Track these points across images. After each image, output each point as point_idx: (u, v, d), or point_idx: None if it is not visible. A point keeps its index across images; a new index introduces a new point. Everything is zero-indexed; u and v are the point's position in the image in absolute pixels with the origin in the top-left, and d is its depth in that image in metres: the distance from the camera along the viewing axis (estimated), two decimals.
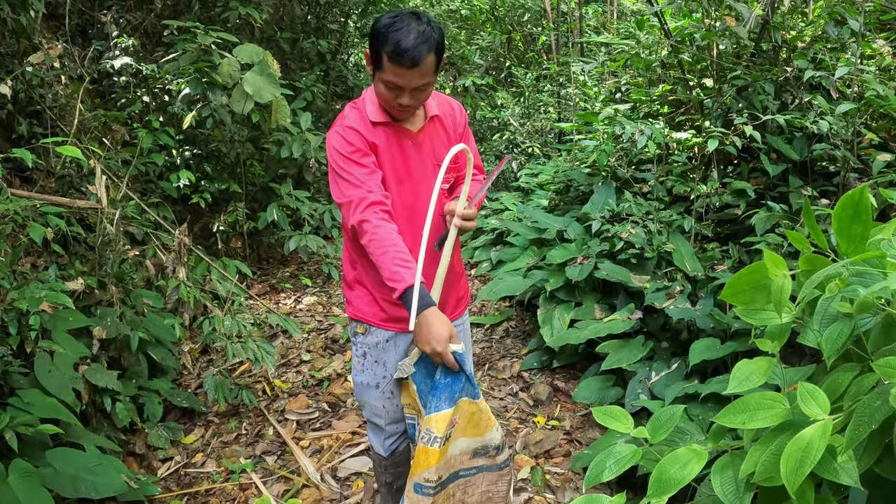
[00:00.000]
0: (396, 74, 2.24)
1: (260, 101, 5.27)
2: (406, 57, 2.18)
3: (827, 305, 1.75)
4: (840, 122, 4.21)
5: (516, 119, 8.99)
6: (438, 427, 2.38)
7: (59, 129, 4.79)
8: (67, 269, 4.12)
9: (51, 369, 3.41)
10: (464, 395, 2.41)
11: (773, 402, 1.74)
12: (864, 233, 1.71)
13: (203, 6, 6.79)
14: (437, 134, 2.58)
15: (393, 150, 2.46)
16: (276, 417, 4.34)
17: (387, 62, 2.22)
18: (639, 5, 6.78)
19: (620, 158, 5.52)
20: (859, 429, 1.45)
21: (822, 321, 1.74)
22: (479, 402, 2.44)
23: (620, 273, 4.39)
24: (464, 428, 2.46)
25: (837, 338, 1.66)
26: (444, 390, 2.39)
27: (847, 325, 1.67)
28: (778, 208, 4.20)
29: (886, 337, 1.80)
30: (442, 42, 2.29)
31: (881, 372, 1.46)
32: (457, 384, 2.39)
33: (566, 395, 4.39)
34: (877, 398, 1.48)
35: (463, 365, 2.36)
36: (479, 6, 10.97)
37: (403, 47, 2.18)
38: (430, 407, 2.39)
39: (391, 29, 2.20)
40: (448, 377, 2.40)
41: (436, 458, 2.39)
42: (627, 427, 2.17)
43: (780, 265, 1.70)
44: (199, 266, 4.91)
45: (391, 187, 2.47)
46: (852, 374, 1.74)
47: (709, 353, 3.61)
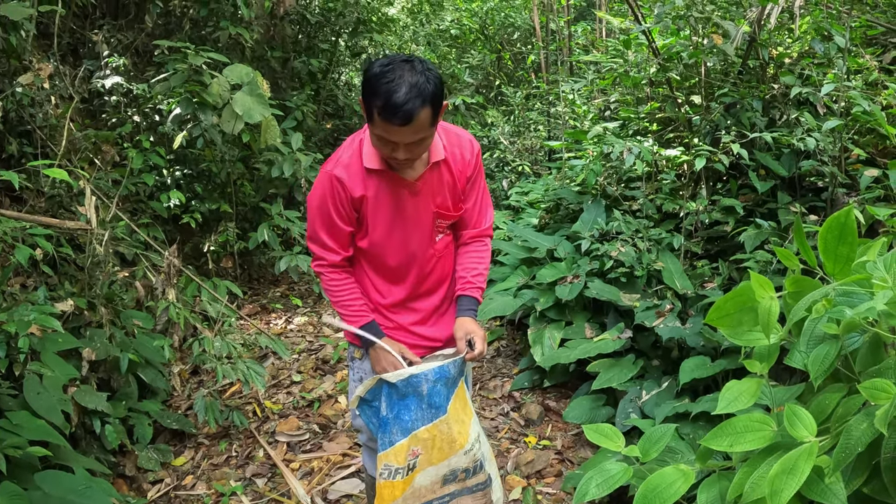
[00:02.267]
0: (387, 131, 2.08)
1: (250, 122, 5.27)
2: (397, 114, 2.00)
3: (813, 326, 1.76)
4: (827, 139, 4.24)
5: (506, 137, 9.02)
6: (397, 459, 2.40)
7: (49, 148, 4.79)
8: (57, 290, 4.11)
9: (40, 391, 3.39)
10: (419, 424, 2.41)
11: (761, 424, 1.74)
12: (849, 254, 1.72)
13: (194, 26, 6.81)
14: (439, 180, 2.44)
15: (387, 199, 2.37)
16: (266, 439, 4.32)
17: (377, 117, 2.06)
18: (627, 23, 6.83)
19: (610, 176, 5.54)
20: (846, 451, 1.45)
21: (809, 342, 1.75)
22: (438, 425, 2.43)
23: (610, 292, 4.40)
24: (429, 457, 2.45)
25: (824, 359, 1.67)
26: (394, 424, 2.40)
27: (833, 346, 1.68)
28: (767, 225, 4.22)
29: (874, 356, 1.81)
30: (439, 91, 2.09)
31: (867, 394, 1.47)
32: (405, 414, 2.39)
33: (557, 414, 4.38)
34: (863, 420, 1.49)
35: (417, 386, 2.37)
36: (469, 25, 11.03)
37: (394, 103, 1.99)
38: (381, 444, 2.41)
39: (382, 80, 2.02)
40: (394, 410, 2.40)
41: (400, 490, 2.41)
42: (619, 445, 2.17)
43: (766, 287, 1.71)
44: (190, 286, 4.90)
45: (382, 234, 2.44)
46: (840, 394, 1.75)
47: (699, 372, 3.61)
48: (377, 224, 2.41)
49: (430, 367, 2.43)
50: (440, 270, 2.64)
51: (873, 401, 1.45)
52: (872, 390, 1.45)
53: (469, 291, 2.60)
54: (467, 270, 2.62)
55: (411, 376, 2.38)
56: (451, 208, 2.51)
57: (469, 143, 2.51)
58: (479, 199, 2.60)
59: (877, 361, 1.78)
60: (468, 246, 2.66)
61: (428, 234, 2.51)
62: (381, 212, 2.39)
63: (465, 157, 2.48)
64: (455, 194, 2.50)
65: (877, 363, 1.78)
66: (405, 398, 2.40)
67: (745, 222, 4.55)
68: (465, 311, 2.58)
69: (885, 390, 1.44)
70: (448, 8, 11.60)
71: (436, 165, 2.39)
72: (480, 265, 2.64)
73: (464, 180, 2.49)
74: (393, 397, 2.41)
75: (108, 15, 6.54)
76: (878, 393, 1.44)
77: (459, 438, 2.47)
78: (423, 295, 2.65)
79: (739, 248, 4.28)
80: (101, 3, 6.47)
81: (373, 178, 2.34)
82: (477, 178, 2.55)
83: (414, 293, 2.63)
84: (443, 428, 2.45)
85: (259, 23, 7.83)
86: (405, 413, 2.40)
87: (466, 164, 2.48)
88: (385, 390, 2.43)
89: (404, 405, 2.39)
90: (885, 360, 1.71)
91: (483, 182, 2.61)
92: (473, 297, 2.61)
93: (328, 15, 8.82)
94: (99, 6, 6.43)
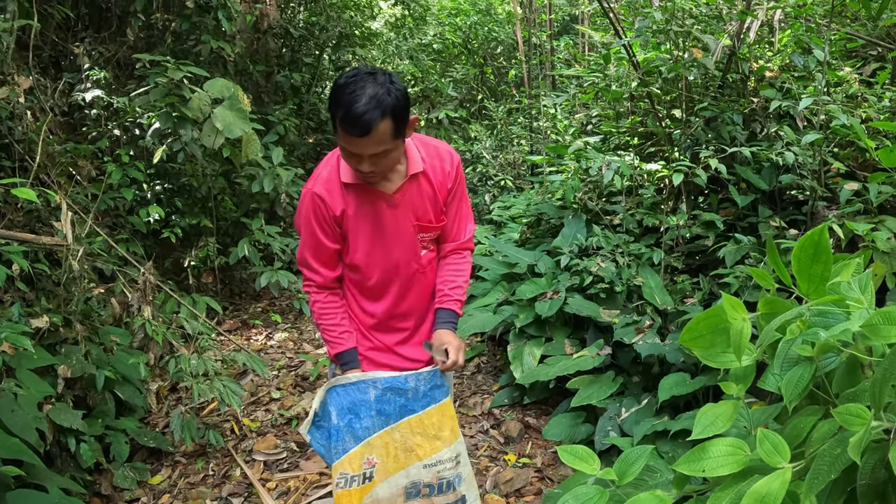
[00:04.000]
0: (348, 142, 2.10)
1: (230, 137, 5.24)
2: (356, 125, 2.03)
3: (787, 348, 1.74)
4: (807, 153, 4.25)
5: (489, 152, 9.02)
6: (352, 466, 2.39)
7: (27, 162, 4.73)
8: (34, 306, 4.06)
9: (14, 409, 3.35)
10: (370, 432, 2.41)
11: (734, 448, 1.72)
12: (824, 273, 1.70)
13: (176, 39, 6.78)
14: (419, 193, 2.43)
15: (366, 214, 2.37)
16: (243, 457, 4.27)
17: (339, 128, 2.09)
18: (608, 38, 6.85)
19: (590, 191, 5.54)
20: (819, 478, 1.43)
21: (783, 365, 1.73)
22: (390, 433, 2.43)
23: (590, 308, 4.39)
24: (385, 466, 2.43)
25: (798, 382, 1.65)
26: (346, 432, 2.40)
27: (808, 369, 1.66)
28: (746, 240, 4.22)
29: (850, 377, 1.79)
30: (401, 104, 2.10)
31: (841, 419, 1.45)
32: (356, 422, 2.40)
33: (537, 431, 4.35)
34: (837, 446, 1.47)
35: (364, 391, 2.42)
36: (452, 39, 11.05)
37: (353, 114, 2.02)
38: (335, 453, 2.40)
39: (344, 91, 2.05)
40: (345, 418, 2.40)
41: (358, 498, 2.38)
42: (594, 468, 2.14)
43: (738, 308, 1.69)
44: (169, 302, 4.85)
45: (364, 250, 2.44)
46: (815, 417, 1.73)
47: (678, 389, 3.60)
48: (359, 239, 2.41)
49: (380, 374, 2.45)
50: (423, 286, 2.62)
51: (848, 426, 1.43)
52: (847, 416, 1.43)
53: (447, 304, 2.60)
54: (446, 283, 2.62)
55: (359, 381, 2.42)
56: (432, 220, 2.50)
57: (448, 154, 2.51)
58: (459, 211, 2.59)
59: (854, 382, 1.77)
60: (447, 259, 2.65)
61: (411, 249, 2.50)
62: (362, 227, 2.39)
63: (445, 168, 2.47)
64: (436, 206, 2.49)
65: (854, 384, 1.76)
66: (355, 406, 2.41)
67: (725, 236, 4.55)
68: (444, 323, 2.58)
69: (859, 416, 1.42)
70: (431, 22, 11.62)
71: (414, 177, 2.39)
72: (459, 278, 2.63)
73: (445, 192, 2.48)
74: (343, 405, 2.41)
75: (91, 27, 6.51)
76: (853, 419, 1.42)
77: (418, 450, 2.45)
78: (406, 312, 2.63)
79: (720, 262, 4.28)
80: (84, 16, 6.44)
81: (351, 193, 2.34)
82: (458, 189, 2.54)
83: (396, 309, 2.60)
84: (395, 436, 2.44)
85: (242, 36, 7.81)
86: (355, 421, 2.40)
87: (447, 176, 2.47)
88: (334, 399, 2.43)
89: (354, 413, 2.40)
90: (862, 383, 1.69)
91: (464, 194, 2.60)
92: (451, 310, 2.60)
93: (312, 29, 8.81)
94: (81, 18, 6.39)
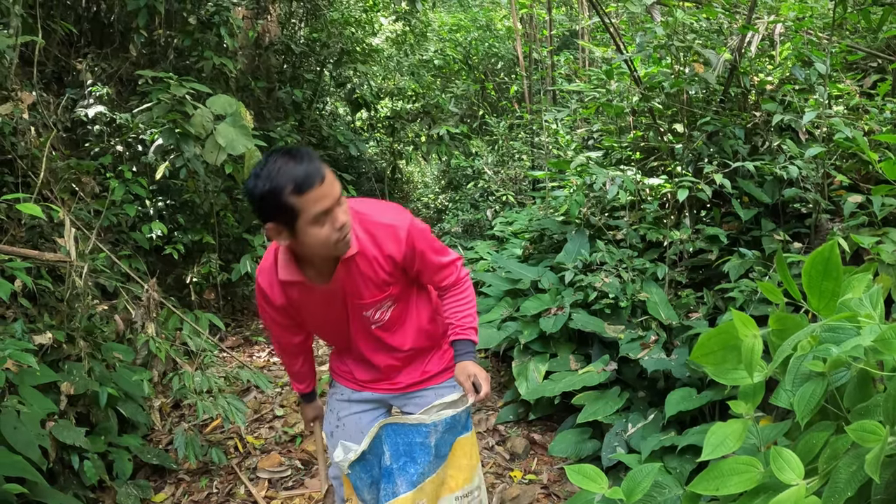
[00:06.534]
0: (317, 201, 2.01)
1: (233, 153, 5.24)
2: (310, 175, 1.98)
3: (799, 364, 1.73)
4: (809, 166, 4.25)
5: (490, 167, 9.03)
6: None
7: (30, 178, 4.74)
8: (36, 322, 4.05)
9: (17, 426, 3.33)
10: (425, 476, 2.36)
11: (747, 466, 1.71)
12: (834, 289, 1.70)
13: (179, 55, 6.81)
14: (352, 275, 2.31)
15: (307, 305, 2.40)
16: (247, 475, 4.25)
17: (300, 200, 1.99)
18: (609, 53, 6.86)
19: (593, 206, 5.53)
20: (836, 495, 1.42)
21: (795, 381, 1.72)
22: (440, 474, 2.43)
23: (595, 324, 4.38)
24: None
25: (810, 399, 1.64)
26: (398, 475, 2.33)
27: (820, 385, 1.65)
28: (751, 255, 4.22)
29: (861, 393, 1.78)
30: None
31: (855, 436, 1.44)
32: (411, 467, 2.33)
33: (543, 447, 4.33)
34: (852, 463, 1.46)
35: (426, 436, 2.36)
36: (453, 55, 11.08)
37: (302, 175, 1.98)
38: (383, 494, 2.33)
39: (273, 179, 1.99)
40: (399, 461, 2.34)
41: None
42: (602, 487, 2.12)
43: (749, 325, 1.68)
44: (171, 319, 4.84)
45: (316, 327, 2.61)
46: (827, 433, 1.72)
47: (685, 404, 3.59)
48: (307, 321, 2.54)
49: (441, 416, 2.38)
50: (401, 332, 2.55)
51: (862, 443, 1.42)
52: (861, 432, 1.42)
53: (460, 335, 2.53)
54: (454, 316, 2.55)
55: (419, 424, 2.34)
56: (374, 295, 2.39)
57: (394, 232, 2.33)
58: (427, 267, 2.46)
59: (865, 397, 1.76)
60: (444, 295, 2.58)
61: (362, 322, 2.46)
62: (307, 314, 2.48)
63: (386, 249, 2.32)
64: (376, 283, 2.36)
65: (865, 399, 1.75)
66: (411, 449, 2.34)
67: (729, 250, 4.55)
68: (463, 355, 2.50)
69: (874, 432, 1.41)
70: (432, 38, 11.66)
71: (347, 262, 2.27)
72: (464, 307, 2.56)
73: (388, 268, 2.35)
74: (399, 447, 2.35)
75: (93, 43, 6.54)
76: (868, 435, 1.41)
77: (450, 482, 2.42)
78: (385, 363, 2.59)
79: (724, 276, 4.28)
80: (86, 31, 6.46)
81: (289, 289, 2.36)
82: (416, 257, 2.39)
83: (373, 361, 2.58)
84: (441, 473, 2.42)
85: (244, 53, 7.84)
86: (410, 465, 2.33)
87: (386, 259, 2.33)
88: (389, 438, 2.36)
89: (409, 457, 2.34)
90: (874, 397, 1.68)
91: (427, 252, 2.42)
92: (468, 340, 2.53)
93: (313, 45, 8.85)
94: (84, 34, 6.42)
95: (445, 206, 10.41)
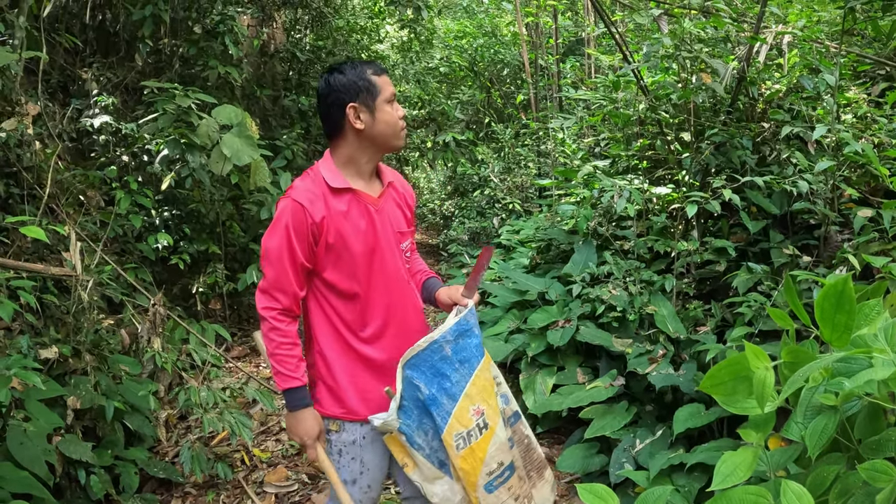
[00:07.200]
0: (383, 85, 2.38)
1: (238, 164, 5.23)
2: (374, 64, 2.43)
3: (810, 396, 1.72)
4: (819, 179, 4.22)
5: (497, 175, 9.01)
6: (462, 423, 2.39)
7: (36, 190, 4.74)
8: (43, 335, 4.05)
9: (23, 441, 3.34)
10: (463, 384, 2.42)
11: (757, 496, 1.69)
12: (847, 322, 1.67)
13: (184, 64, 6.81)
14: (393, 200, 2.57)
15: (358, 218, 2.41)
16: (254, 489, 4.24)
17: (377, 79, 2.36)
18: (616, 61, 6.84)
19: (601, 216, 5.51)
20: None
21: (806, 413, 1.71)
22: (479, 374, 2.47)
23: (602, 337, 4.36)
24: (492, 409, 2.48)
25: (822, 433, 1.62)
26: (441, 396, 2.39)
27: (832, 419, 1.63)
28: (759, 269, 4.19)
29: (873, 424, 1.76)
30: None
31: (867, 475, 1.42)
32: (445, 382, 2.39)
33: (551, 462, 4.30)
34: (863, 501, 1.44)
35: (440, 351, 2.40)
36: (459, 62, 11.07)
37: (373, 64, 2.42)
38: (440, 421, 2.38)
39: (355, 66, 2.39)
40: (433, 385, 2.38)
41: (483, 450, 2.41)
42: None
43: (761, 357, 1.66)
44: (178, 330, 4.83)
45: (362, 258, 2.41)
46: (838, 466, 1.70)
47: (693, 421, 3.57)
48: (355, 247, 2.40)
49: (445, 327, 2.43)
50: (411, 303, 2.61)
51: (874, 483, 1.40)
52: (873, 472, 1.41)
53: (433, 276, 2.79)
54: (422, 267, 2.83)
55: (429, 344, 2.38)
56: (405, 226, 2.61)
57: (410, 188, 2.75)
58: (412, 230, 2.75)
59: (876, 429, 1.74)
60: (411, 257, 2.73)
61: (398, 255, 2.54)
62: (356, 233, 2.40)
63: (408, 192, 2.69)
64: (405, 217, 2.62)
65: (876, 431, 1.74)
66: (437, 367, 2.39)
67: (737, 262, 4.52)
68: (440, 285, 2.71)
69: (885, 472, 1.39)
70: (437, 45, 11.66)
71: (390, 186, 2.56)
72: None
73: (410, 208, 2.67)
74: (427, 372, 2.39)
75: (99, 52, 6.54)
76: (879, 475, 1.39)
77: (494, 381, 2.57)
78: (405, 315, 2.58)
79: (732, 287, 4.25)
80: (92, 41, 6.47)
81: (338, 199, 2.39)
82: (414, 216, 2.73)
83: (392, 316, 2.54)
84: (486, 375, 2.49)
85: (249, 61, 7.84)
86: (445, 382, 2.39)
87: (408, 191, 2.68)
88: (415, 372, 2.40)
89: (440, 374, 2.39)
90: (885, 432, 1.66)
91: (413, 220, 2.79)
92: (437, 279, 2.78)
93: (318, 53, 8.84)
94: (89, 44, 6.42)
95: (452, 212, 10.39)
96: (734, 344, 3.76)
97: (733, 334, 3.84)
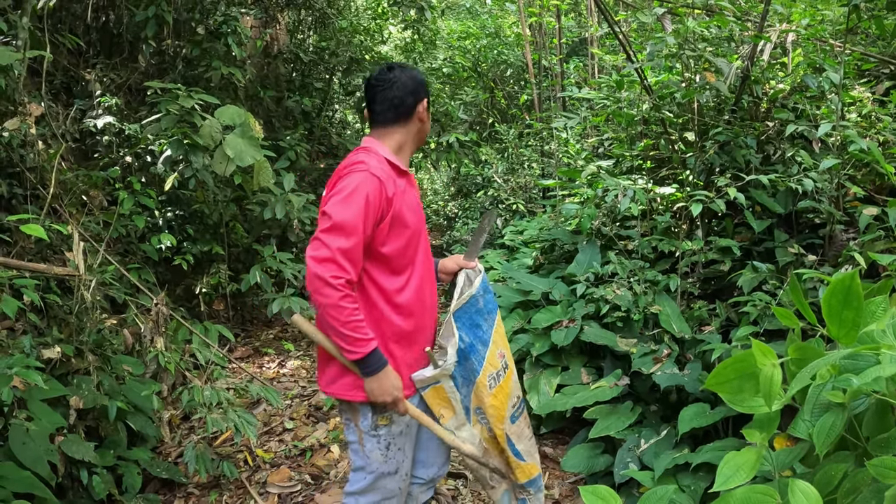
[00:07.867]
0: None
1: (241, 165, 5.22)
2: None
3: (818, 393, 1.70)
4: (824, 177, 4.21)
5: (500, 176, 9.00)
6: (493, 365, 2.75)
7: (39, 190, 4.73)
8: (45, 335, 4.04)
9: (25, 441, 3.34)
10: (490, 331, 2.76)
11: (763, 496, 1.67)
12: (855, 318, 1.66)
13: (187, 65, 6.80)
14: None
15: (411, 196, 2.64)
16: (257, 489, 4.22)
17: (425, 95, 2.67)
18: (619, 61, 6.82)
19: (604, 216, 5.49)
20: None
21: (814, 410, 1.69)
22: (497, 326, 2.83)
23: (606, 337, 4.34)
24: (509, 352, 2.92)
25: (830, 431, 1.61)
26: (477, 343, 2.71)
27: (839, 417, 1.61)
28: (764, 268, 4.17)
29: (880, 422, 1.75)
30: None
31: (875, 472, 1.40)
32: (478, 331, 2.72)
33: (555, 461, 4.29)
34: (872, 498, 1.43)
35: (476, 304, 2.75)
36: (462, 63, 11.05)
37: None
38: (478, 365, 2.69)
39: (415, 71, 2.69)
40: (471, 334, 2.70)
41: (508, 387, 2.82)
42: None
43: (768, 355, 1.65)
44: (181, 330, 4.82)
45: (414, 235, 2.60)
46: (846, 464, 1.69)
47: (698, 421, 3.55)
48: (411, 221, 2.57)
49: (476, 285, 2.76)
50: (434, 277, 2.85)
51: (882, 480, 1.38)
52: (882, 468, 1.39)
53: None
54: None
55: (471, 297, 2.72)
56: None
57: None
58: None
59: (884, 426, 1.73)
60: None
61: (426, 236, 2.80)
62: (411, 209, 2.59)
63: None
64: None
65: (884, 428, 1.72)
66: (473, 318, 2.72)
67: (742, 261, 4.50)
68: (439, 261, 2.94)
69: (894, 469, 1.37)
70: (441, 46, 11.64)
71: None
72: None
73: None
74: (466, 323, 2.71)
75: (102, 53, 6.54)
76: (888, 472, 1.38)
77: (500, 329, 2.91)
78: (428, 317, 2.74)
79: (737, 287, 4.24)
80: (95, 42, 6.47)
81: (401, 179, 2.59)
82: None
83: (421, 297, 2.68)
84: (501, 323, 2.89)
85: (252, 62, 7.83)
86: (478, 330, 2.72)
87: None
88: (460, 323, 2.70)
89: (475, 325, 2.72)
90: (894, 429, 1.65)
91: None
92: None
93: (322, 53, 8.82)
94: (93, 44, 6.42)
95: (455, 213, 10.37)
96: (739, 343, 3.75)
97: (738, 333, 3.82)
